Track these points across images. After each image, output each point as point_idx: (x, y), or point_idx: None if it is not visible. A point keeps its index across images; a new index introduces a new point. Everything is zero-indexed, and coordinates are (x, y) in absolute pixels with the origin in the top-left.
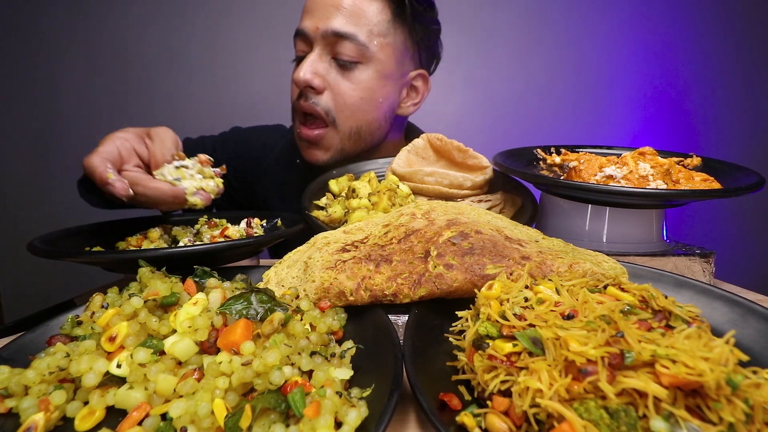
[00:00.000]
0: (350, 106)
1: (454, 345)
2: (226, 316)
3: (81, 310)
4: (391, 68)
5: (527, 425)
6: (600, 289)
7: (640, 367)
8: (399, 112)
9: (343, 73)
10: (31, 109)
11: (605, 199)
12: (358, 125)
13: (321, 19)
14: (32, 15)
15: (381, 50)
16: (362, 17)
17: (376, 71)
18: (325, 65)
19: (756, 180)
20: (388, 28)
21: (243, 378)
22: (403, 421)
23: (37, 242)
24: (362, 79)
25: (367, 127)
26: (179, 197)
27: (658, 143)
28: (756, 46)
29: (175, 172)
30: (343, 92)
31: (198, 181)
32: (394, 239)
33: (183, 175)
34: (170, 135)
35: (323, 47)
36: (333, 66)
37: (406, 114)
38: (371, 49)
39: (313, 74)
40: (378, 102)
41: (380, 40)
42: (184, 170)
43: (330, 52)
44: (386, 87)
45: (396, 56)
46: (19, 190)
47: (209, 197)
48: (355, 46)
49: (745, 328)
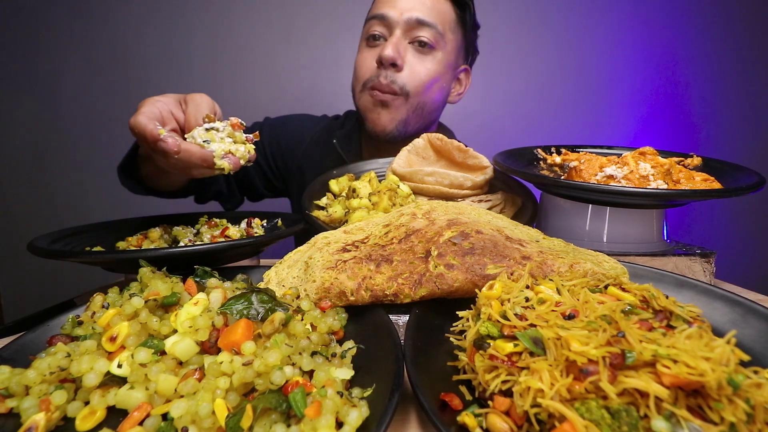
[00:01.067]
0: (423, 82)
1: (455, 345)
2: (227, 316)
3: (81, 310)
4: (452, 60)
5: (528, 425)
6: (601, 289)
7: (642, 367)
8: (449, 100)
9: (419, 56)
10: (31, 109)
11: (606, 199)
12: (423, 101)
13: (405, 8)
14: (32, 15)
15: (449, 43)
16: (439, 12)
17: (445, 59)
18: (404, 46)
19: (756, 180)
20: (454, 27)
21: (244, 378)
22: (404, 421)
23: (37, 242)
24: (434, 63)
25: (430, 105)
26: (207, 160)
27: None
28: (756, 46)
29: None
30: (418, 71)
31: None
32: (394, 239)
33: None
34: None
35: (404, 32)
36: (411, 48)
37: (453, 102)
38: (445, 38)
39: (397, 53)
40: (442, 86)
41: (449, 34)
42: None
43: (408, 37)
44: (447, 74)
45: (456, 51)
46: (19, 190)
47: (238, 162)
48: (434, 33)
49: (745, 328)
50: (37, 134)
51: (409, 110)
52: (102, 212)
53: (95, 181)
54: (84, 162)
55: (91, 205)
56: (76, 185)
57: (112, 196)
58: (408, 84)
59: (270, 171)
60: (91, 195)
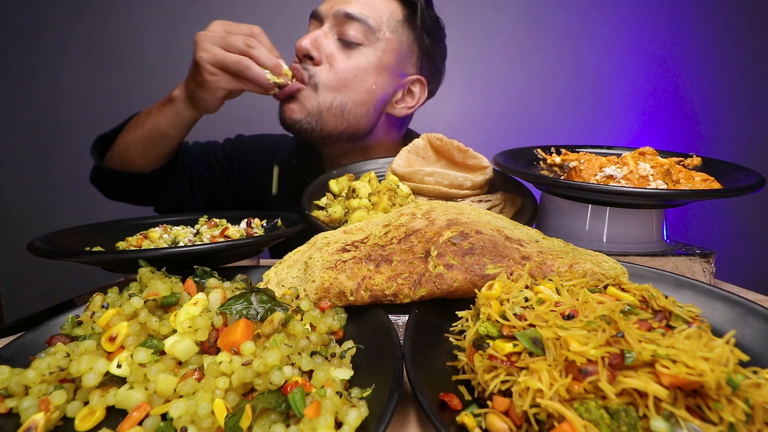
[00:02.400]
0: (341, 79)
1: (454, 345)
2: (227, 316)
3: (81, 310)
4: (390, 62)
5: (527, 425)
6: (600, 289)
7: (641, 367)
8: (391, 111)
9: (343, 50)
10: (31, 109)
11: (605, 199)
12: (342, 101)
13: (337, 2)
14: (32, 15)
15: (385, 42)
16: (375, 9)
17: (376, 57)
18: (328, 42)
19: (756, 180)
20: (396, 27)
21: (243, 378)
22: (404, 421)
23: (37, 242)
24: (360, 60)
25: (352, 106)
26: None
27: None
28: (756, 46)
29: None
30: (338, 65)
31: None
32: (394, 239)
33: None
34: None
35: (331, 26)
36: (336, 44)
37: (398, 115)
38: (377, 35)
39: (313, 45)
40: (370, 87)
41: (387, 33)
42: None
43: (337, 33)
44: (381, 77)
45: (398, 53)
46: (19, 190)
47: None
48: (362, 28)
49: (745, 328)
50: (37, 134)
51: (321, 105)
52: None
53: None
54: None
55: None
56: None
57: None
58: (319, 76)
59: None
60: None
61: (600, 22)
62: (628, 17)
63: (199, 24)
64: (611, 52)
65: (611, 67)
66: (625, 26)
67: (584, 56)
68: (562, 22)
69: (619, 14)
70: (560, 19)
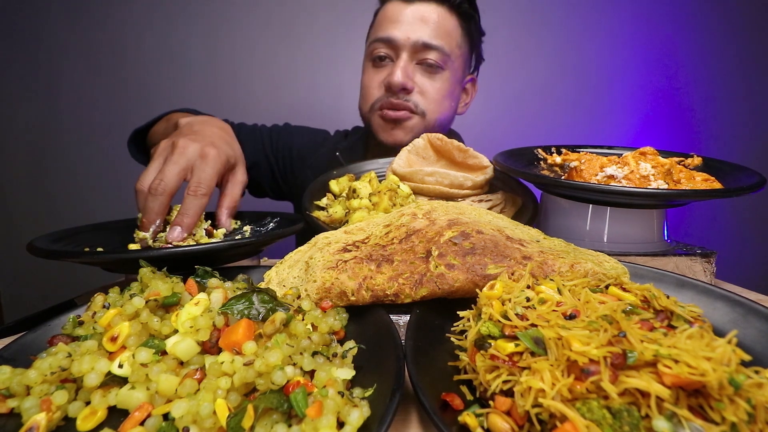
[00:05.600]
0: (435, 102)
1: (455, 345)
2: (228, 316)
3: (82, 310)
4: (459, 74)
5: (529, 425)
6: (602, 289)
7: (643, 367)
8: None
9: (428, 76)
10: (31, 109)
11: (606, 199)
12: (438, 119)
13: (412, 30)
14: (32, 15)
15: (456, 60)
16: (445, 32)
17: (452, 76)
18: (412, 69)
19: (757, 180)
20: (461, 42)
21: (245, 378)
22: (405, 421)
23: (36, 242)
24: (443, 82)
25: (441, 122)
26: None
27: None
28: (756, 46)
29: None
30: (429, 92)
31: None
32: (395, 239)
33: None
34: None
35: (411, 54)
36: (418, 69)
37: (461, 113)
38: (452, 58)
39: (406, 78)
40: (451, 102)
41: (456, 51)
42: None
43: (415, 58)
44: (456, 90)
45: (463, 65)
46: (19, 190)
47: None
48: (440, 55)
49: (746, 328)
50: (37, 134)
51: (427, 127)
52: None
53: (95, 181)
54: (84, 162)
55: (91, 205)
56: (76, 185)
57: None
58: (421, 103)
59: (279, 173)
60: (91, 195)
61: (600, 23)
62: (628, 17)
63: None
64: (611, 52)
65: (611, 67)
66: (625, 26)
67: (584, 56)
68: (562, 22)
69: (619, 14)
70: (560, 19)
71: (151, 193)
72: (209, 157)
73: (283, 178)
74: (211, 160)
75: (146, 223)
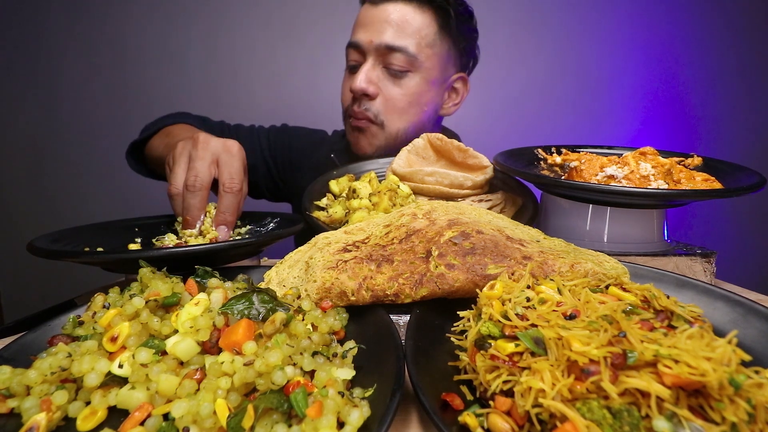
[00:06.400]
0: (399, 109)
1: (455, 345)
2: (228, 316)
3: (82, 310)
4: (436, 75)
5: (530, 425)
6: (602, 289)
7: (643, 367)
8: (441, 113)
9: (393, 80)
10: (31, 109)
11: (606, 199)
12: (405, 126)
13: (374, 33)
14: (32, 15)
15: (428, 59)
16: (412, 30)
17: (423, 78)
18: (377, 73)
19: (757, 180)
20: (435, 39)
21: (245, 378)
22: (405, 421)
23: (36, 242)
24: (411, 86)
25: (413, 128)
26: None
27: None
28: (756, 46)
29: None
30: (393, 97)
31: None
32: (395, 239)
33: None
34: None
35: (376, 58)
36: (384, 74)
37: (447, 114)
38: (419, 59)
39: (368, 83)
40: (424, 106)
41: (427, 50)
42: None
43: (381, 62)
44: (431, 92)
45: (441, 64)
46: (19, 190)
47: None
48: (405, 57)
49: (746, 328)
50: (37, 134)
51: (388, 138)
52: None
53: (95, 181)
54: (84, 162)
55: (91, 205)
56: (76, 185)
57: (112, 196)
58: (382, 112)
59: (277, 174)
60: (91, 195)
61: (600, 22)
62: (628, 17)
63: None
64: (611, 52)
65: (611, 67)
66: (626, 26)
67: (584, 56)
68: (562, 22)
69: (619, 14)
70: (560, 19)
71: (189, 190)
72: (234, 150)
73: (282, 180)
74: (236, 152)
75: (191, 220)
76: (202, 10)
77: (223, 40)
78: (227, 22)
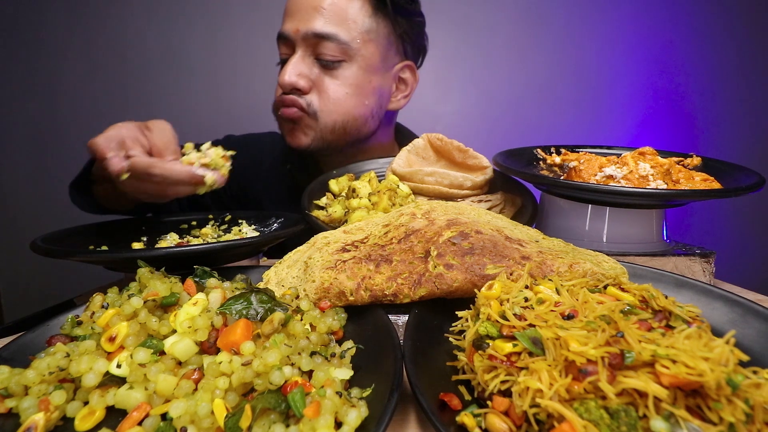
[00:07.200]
0: (335, 102)
1: (454, 345)
2: (226, 316)
3: (81, 310)
4: (375, 63)
5: (527, 425)
6: (600, 289)
7: (641, 367)
8: (390, 107)
9: (327, 72)
10: (31, 109)
11: (605, 199)
12: (343, 120)
13: (301, 21)
14: (32, 15)
15: (364, 46)
16: (342, 16)
17: (361, 67)
18: (308, 65)
19: (756, 180)
20: (370, 24)
21: (243, 378)
22: (404, 421)
23: (39, 241)
24: (347, 76)
25: (353, 122)
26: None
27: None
28: (756, 46)
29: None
30: (328, 90)
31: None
32: (394, 239)
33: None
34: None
35: (305, 48)
36: (316, 65)
37: (397, 108)
38: (353, 46)
39: (297, 76)
40: (364, 97)
41: (362, 36)
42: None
43: (312, 53)
44: (372, 82)
45: (380, 51)
46: (19, 190)
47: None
48: (336, 46)
49: (745, 328)
50: (38, 134)
51: (324, 130)
52: None
53: None
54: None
55: None
56: None
57: None
58: (315, 104)
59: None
60: None
61: (600, 22)
62: (628, 17)
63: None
64: (611, 52)
65: (611, 67)
66: (625, 26)
67: (584, 56)
68: (562, 22)
69: (619, 14)
70: (560, 19)
71: None
72: None
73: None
74: None
75: None
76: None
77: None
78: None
